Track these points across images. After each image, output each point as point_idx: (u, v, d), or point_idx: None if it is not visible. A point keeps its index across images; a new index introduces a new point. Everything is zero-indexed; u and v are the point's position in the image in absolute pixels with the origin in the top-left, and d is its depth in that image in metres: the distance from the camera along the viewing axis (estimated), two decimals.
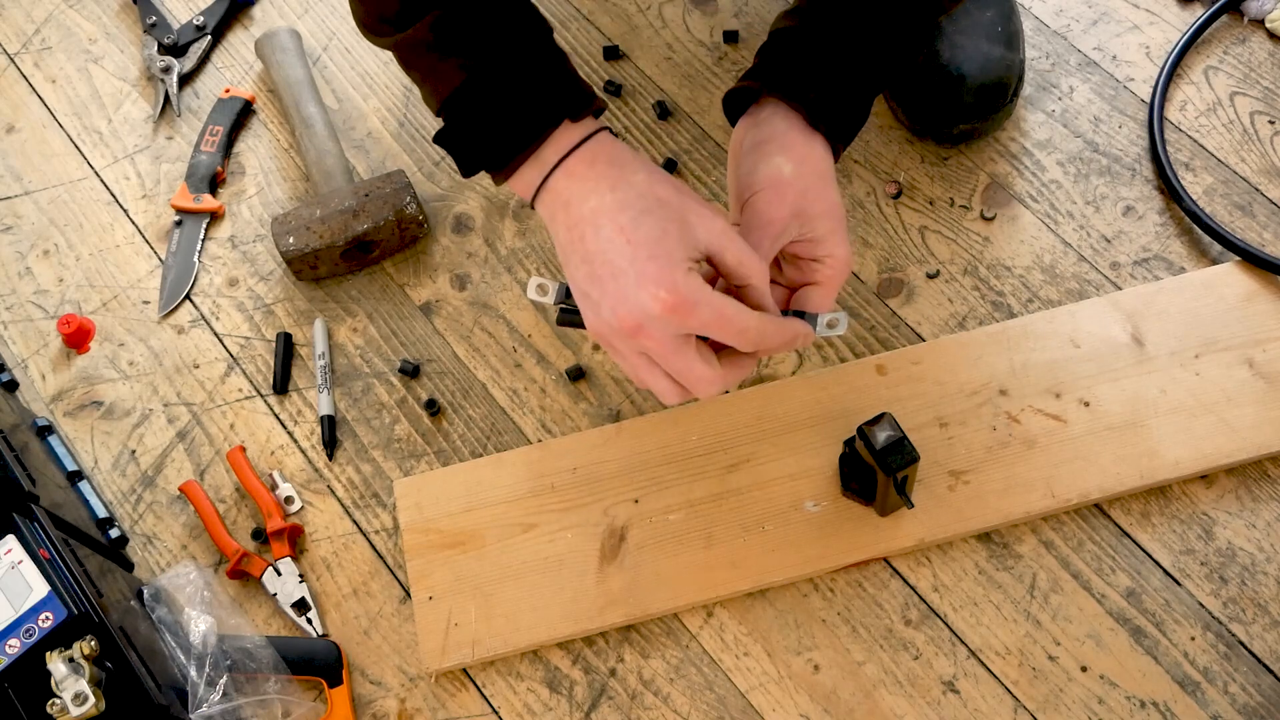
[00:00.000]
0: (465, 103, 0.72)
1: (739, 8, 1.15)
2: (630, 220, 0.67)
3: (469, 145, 0.73)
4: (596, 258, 0.68)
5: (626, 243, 0.67)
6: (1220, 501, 0.89)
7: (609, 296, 0.67)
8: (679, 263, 0.66)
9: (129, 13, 1.24)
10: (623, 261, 0.67)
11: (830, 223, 0.73)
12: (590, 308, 0.70)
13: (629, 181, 0.68)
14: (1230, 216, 0.99)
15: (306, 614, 0.93)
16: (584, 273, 0.69)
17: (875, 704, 0.86)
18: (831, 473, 0.91)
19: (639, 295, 0.66)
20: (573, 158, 0.70)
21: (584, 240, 0.69)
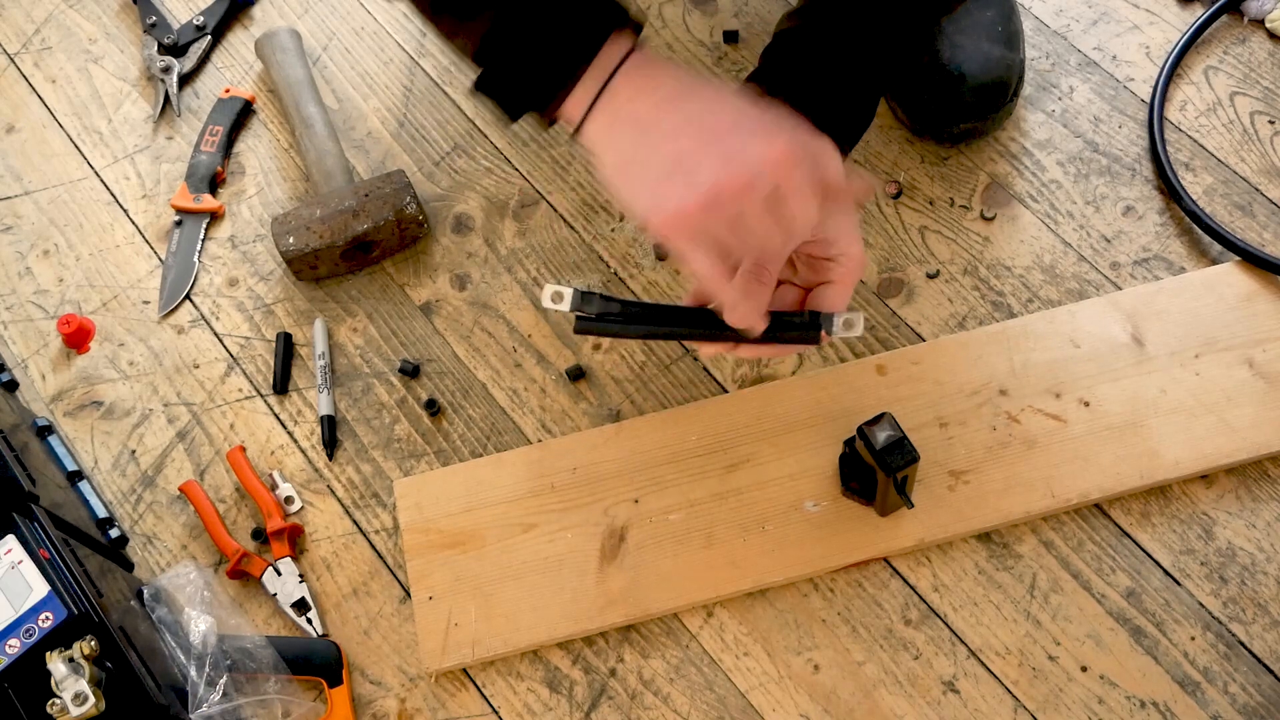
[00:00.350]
0: (507, 35, 0.70)
1: (739, 8, 1.15)
2: (717, 94, 0.67)
3: (515, 81, 0.70)
4: (691, 128, 0.66)
5: (722, 110, 0.66)
6: (1220, 501, 0.89)
7: (711, 159, 0.65)
8: (783, 119, 0.66)
9: (129, 13, 1.24)
10: (724, 126, 0.66)
11: (843, 221, 0.73)
12: (681, 181, 0.66)
13: (693, 74, 0.68)
14: (1230, 216, 0.99)
15: (306, 614, 0.93)
16: (670, 150, 0.67)
17: (875, 704, 0.86)
18: (831, 473, 0.91)
19: (751, 148, 0.65)
20: (630, 61, 0.68)
21: (669, 118, 0.67)
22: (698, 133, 0.66)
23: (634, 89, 0.68)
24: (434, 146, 1.12)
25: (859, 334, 0.73)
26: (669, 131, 0.67)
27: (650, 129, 0.67)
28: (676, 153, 0.66)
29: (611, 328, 0.76)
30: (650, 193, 0.67)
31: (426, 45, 1.17)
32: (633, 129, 0.68)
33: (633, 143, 0.68)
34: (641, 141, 0.68)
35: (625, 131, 0.69)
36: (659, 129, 0.67)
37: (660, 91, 0.68)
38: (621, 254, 1.04)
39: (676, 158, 0.66)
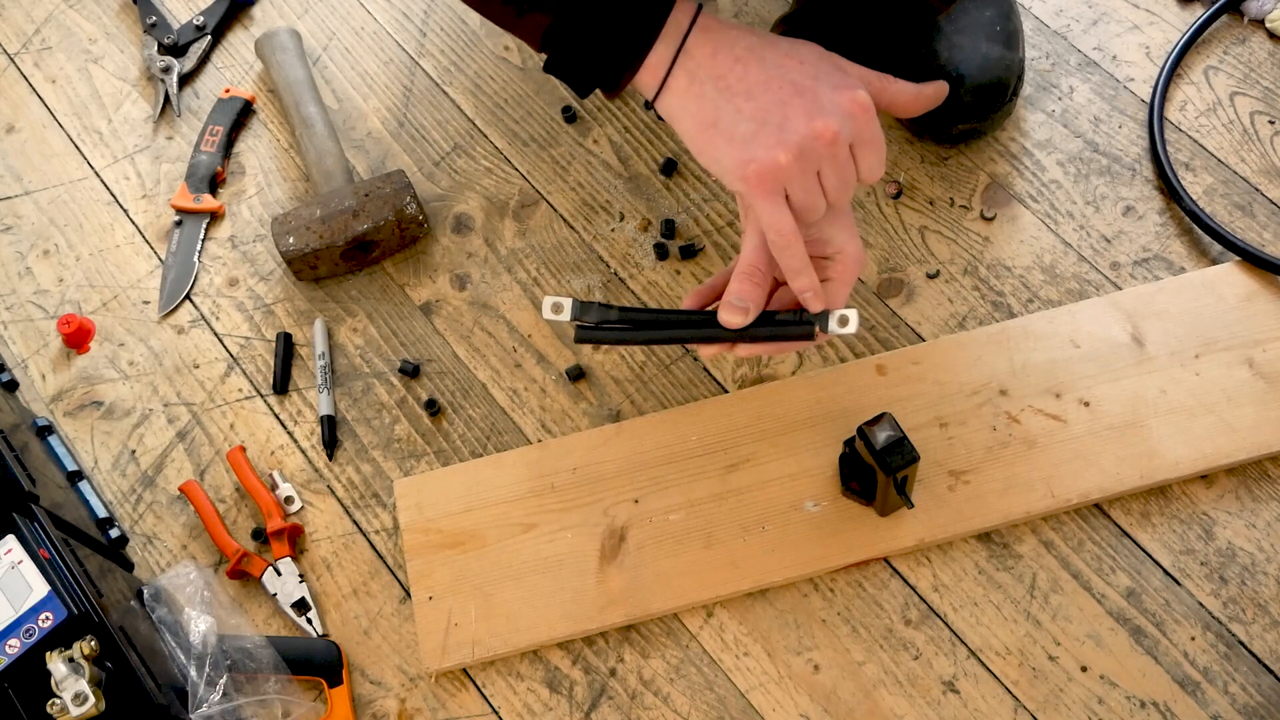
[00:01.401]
0: (572, 20, 0.71)
1: (739, 8, 1.15)
2: (791, 47, 0.69)
3: (585, 60, 0.72)
4: (773, 82, 0.68)
5: (800, 63, 0.69)
6: (1220, 501, 0.89)
7: (797, 111, 0.68)
8: (852, 73, 0.70)
9: (129, 13, 1.24)
10: (805, 79, 0.68)
11: (842, 221, 0.73)
12: (773, 133, 0.68)
13: (754, 29, 0.70)
14: (1230, 216, 0.99)
15: (306, 614, 0.93)
16: (755, 105, 0.69)
17: (875, 704, 0.86)
18: (831, 473, 0.91)
19: (835, 100, 0.68)
20: (701, 20, 0.70)
21: (750, 73, 0.69)
22: (780, 86, 0.68)
23: (711, 48, 0.70)
24: (434, 146, 1.12)
25: (854, 331, 0.74)
26: (753, 87, 0.69)
27: (732, 86, 0.69)
28: (763, 107, 0.68)
29: (611, 335, 0.77)
30: (740, 148, 0.69)
31: (426, 45, 1.17)
32: (714, 87, 0.69)
33: (714, 101, 0.70)
34: (724, 99, 0.69)
35: (707, 91, 0.70)
36: (742, 85, 0.69)
37: (736, 49, 0.69)
38: (621, 254, 1.04)
39: (763, 111, 0.68)
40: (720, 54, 0.70)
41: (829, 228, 0.73)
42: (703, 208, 1.05)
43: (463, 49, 1.17)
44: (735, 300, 0.72)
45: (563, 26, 0.71)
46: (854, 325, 0.74)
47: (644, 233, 1.05)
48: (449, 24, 1.18)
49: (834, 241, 0.74)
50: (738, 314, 0.72)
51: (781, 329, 0.75)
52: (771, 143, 0.68)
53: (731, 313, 0.72)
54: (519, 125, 1.12)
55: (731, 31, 0.70)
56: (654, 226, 1.05)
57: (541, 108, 1.12)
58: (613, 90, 0.73)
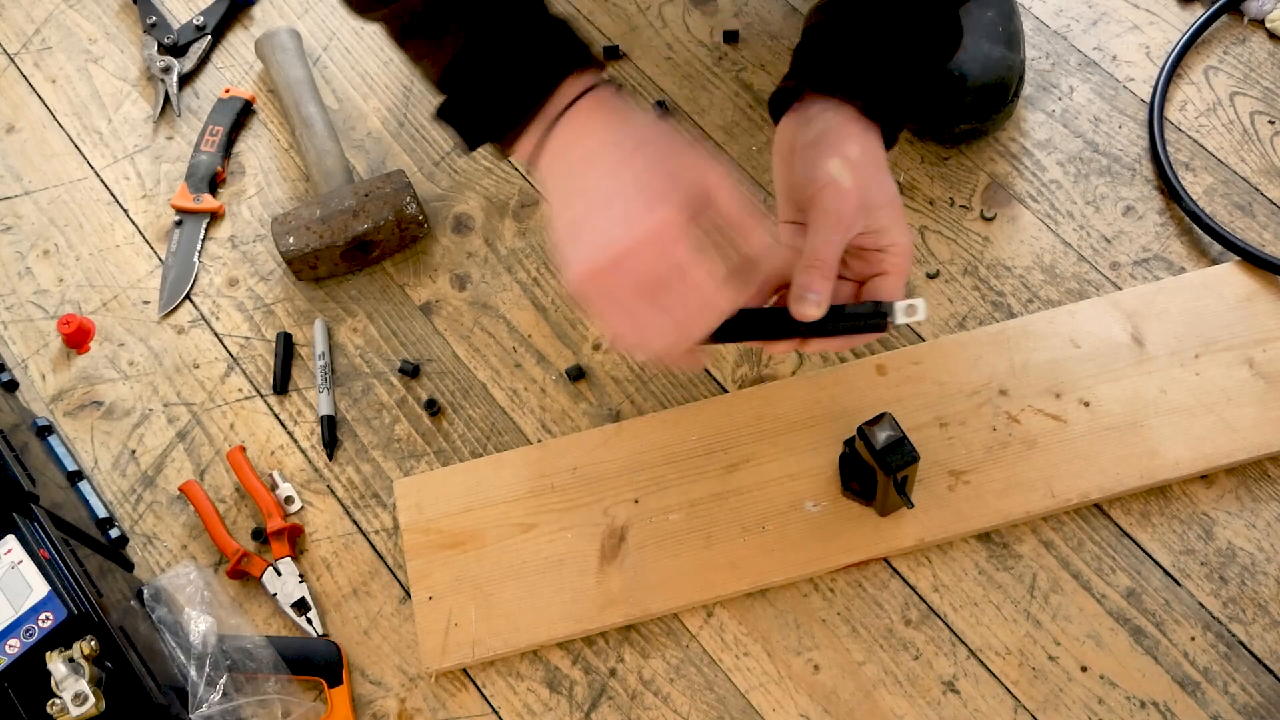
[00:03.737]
0: (466, 69, 0.70)
1: (739, 8, 1.15)
2: (626, 155, 0.65)
3: (473, 114, 0.71)
4: (591, 190, 0.66)
5: (616, 177, 0.65)
6: (1220, 501, 0.89)
7: (599, 226, 0.65)
8: (673, 191, 0.64)
9: (129, 13, 1.24)
10: (616, 188, 0.65)
11: (893, 211, 0.73)
12: (576, 246, 0.66)
13: (629, 124, 0.67)
14: (1230, 216, 0.99)
15: (306, 614, 0.93)
16: (573, 212, 0.67)
17: (875, 704, 0.86)
18: (831, 473, 0.91)
19: (630, 217, 0.64)
20: (575, 107, 0.68)
21: (581, 178, 0.67)
22: (594, 198, 0.65)
23: (570, 135, 0.68)
24: (434, 146, 1.12)
25: (923, 318, 0.72)
26: (578, 191, 0.67)
27: (570, 185, 0.67)
28: (575, 216, 0.66)
29: None
30: (556, 249, 0.67)
31: None
32: (562, 176, 0.68)
33: (559, 194, 0.68)
34: (562, 195, 0.68)
35: (558, 179, 0.69)
36: (575, 186, 0.67)
37: (587, 143, 0.67)
38: None
39: (574, 221, 0.66)
40: (568, 151, 0.68)
41: (884, 219, 0.72)
42: None
43: None
44: (808, 294, 0.70)
45: (464, 65, 0.70)
46: (922, 312, 0.71)
47: None
48: None
49: (888, 234, 0.73)
50: (811, 306, 0.70)
51: (855, 321, 0.73)
52: (572, 256, 0.66)
53: (805, 306, 0.70)
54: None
55: (597, 122, 0.67)
56: None
57: None
58: (500, 144, 0.71)
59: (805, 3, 1.14)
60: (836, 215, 0.71)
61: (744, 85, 1.10)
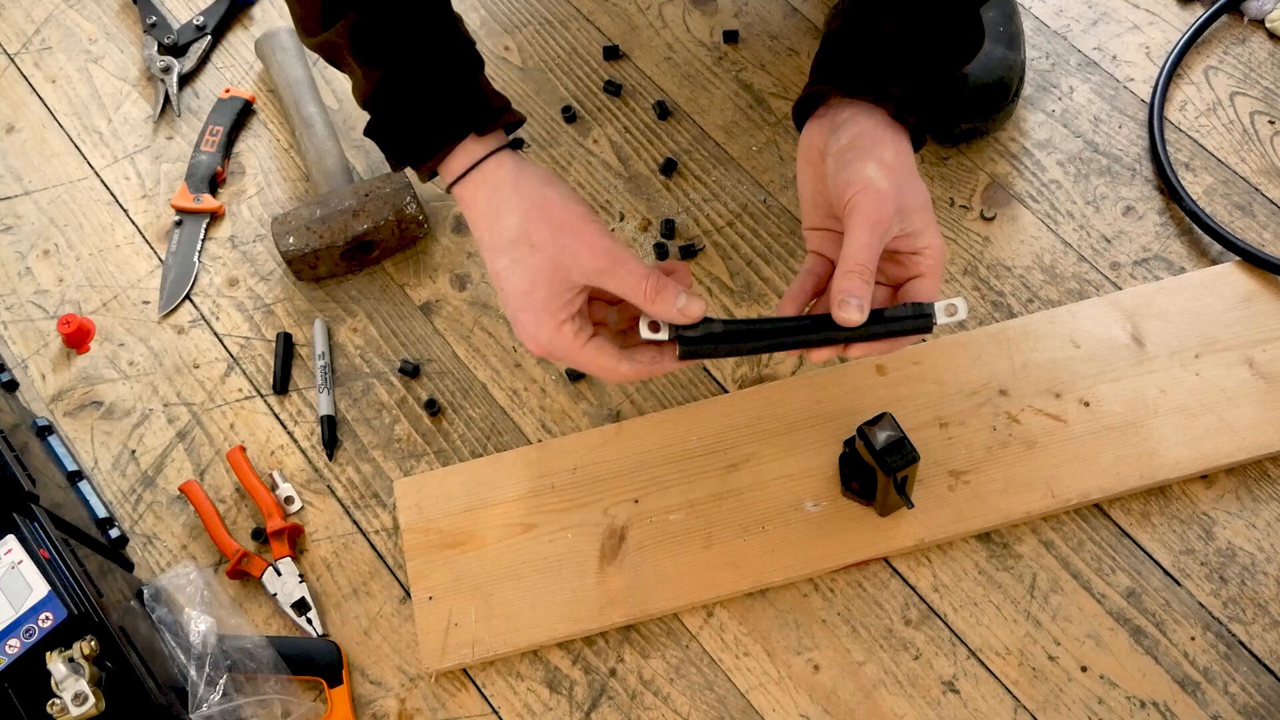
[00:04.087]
0: (380, 105, 0.75)
1: (739, 8, 1.15)
2: (504, 268, 0.72)
3: (389, 143, 0.76)
4: (494, 278, 0.74)
5: (501, 289, 0.73)
6: (1220, 501, 0.89)
7: (515, 322, 0.73)
8: (549, 315, 0.71)
9: (129, 13, 1.24)
10: (502, 302, 0.73)
11: (926, 214, 0.73)
12: (512, 324, 0.75)
13: (502, 225, 0.72)
14: (1230, 216, 0.99)
15: (306, 614, 0.93)
16: (497, 287, 0.74)
17: (875, 704, 0.86)
18: (831, 473, 0.91)
19: (518, 333, 0.73)
20: (461, 185, 0.74)
21: (483, 250, 0.74)
22: (500, 292, 0.73)
23: (465, 209, 0.75)
24: None
25: (964, 317, 0.72)
26: (488, 264, 0.74)
27: (481, 246, 0.75)
28: (500, 297, 0.74)
29: (719, 348, 0.74)
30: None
31: None
32: (475, 231, 0.75)
33: (478, 242, 0.75)
34: (480, 247, 0.75)
35: (472, 227, 0.75)
36: (484, 256, 0.74)
37: (475, 231, 0.74)
38: None
39: (501, 300, 0.75)
40: (470, 224, 0.75)
41: (918, 222, 0.72)
42: (703, 208, 1.05)
43: None
44: (849, 298, 0.70)
45: (384, 94, 0.75)
46: (963, 311, 0.72)
47: (644, 233, 1.05)
48: None
49: (923, 236, 0.73)
50: (854, 311, 0.70)
51: (899, 324, 0.72)
52: (518, 333, 0.74)
53: (848, 310, 0.70)
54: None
55: (475, 210, 0.74)
56: (654, 226, 1.05)
57: (541, 107, 1.12)
58: (417, 170, 0.76)
59: (805, 2, 1.14)
60: (874, 219, 0.70)
61: (744, 85, 1.10)
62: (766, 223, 1.04)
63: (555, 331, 0.71)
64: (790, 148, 1.07)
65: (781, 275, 1.01)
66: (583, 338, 0.72)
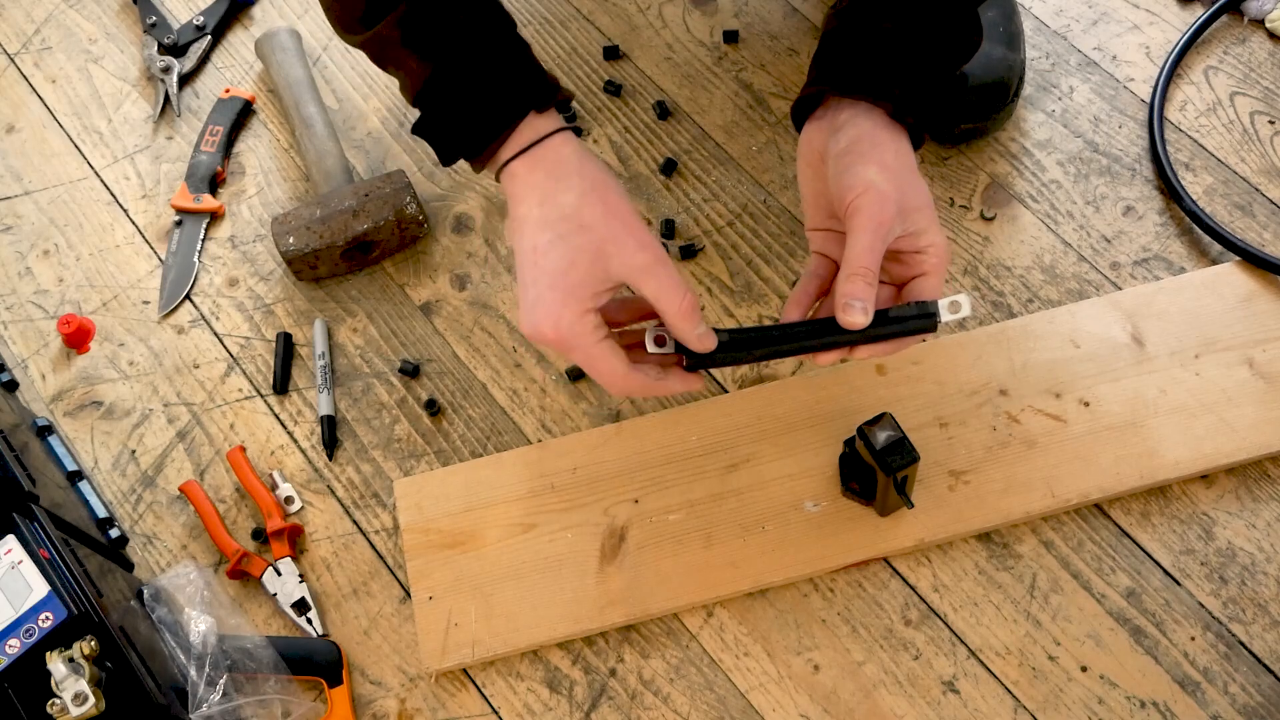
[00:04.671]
0: (435, 95, 0.74)
1: (739, 8, 1.15)
2: (545, 243, 0.70)
3: (443, 135, 0.75)
4: (518, 264, 0.72)
5: (534, 264, 0.71)
6: (1220, 501, 0.89)
7: (527, 306, 0.72)
8: (576, 300, 0.70)
9: (129, 13, 1.24)
10: (529, 280, 0.71)
11: (928, 213, 0.73)
12: (520, 308, 0.73)
13: (557, 201, 0.71)
14: (1230, 216, 0.99)
15: (306, 614, 0.93)
16: (517, 268, 0.73)
17: (875, 704, 0.86)
18: (831, 473, 0.91)
19: (534, 316, 0.71)
20: (519, 160, 0.73)
21: (515, 240, 0.72)
22: (519, 273, 0.72)
23: (513, 189, 0.74)
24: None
25: (968, 314, 0.72)
26: (515, 251, 0.73)
27: (512, 236, 0.74)
28: (518, 276, 0.73)
29: (726, 358, 0.74)
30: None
31: None
32: (513, 216, 0.74)
33: (512, 228, 0.74)
34: (511, 233, 0.74)
35: (512, 212, 0.74)
36: (514, 244, 0.73)
37: (519, 209, 0.73)
38: None
39: (518, 279, 0.73)
40: (511, 205, 0.73)
41: (921, 221, 0.72)
42: (703, 208, 1.05)
43: None
44: (853, 301, 0.70)
45: (438, 83, 0.74)
46: (967, 308, 0.72)
47: None
48: None
49: (926, 235, 0.73)
50: (858, 314, 0.71)
51: (903, 325, 0.72)
52: (521, 318, 0.73)
53: (852, 314, 0.70)
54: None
55: (526, 187, 0.72)
56: (654, 226, 1.05)
57: None
58: (473, 159, 0.75)
59: (805, 2, 1.14)
60: (876, 221, 0.70)
61: (744, 85, 1.10)
62: (766, 223, 1.04)
63: (578, 318, 0.70)
64: (790, 148, 1.07)
65: (782, 275, 1.01)
66: (600, 333, 0.71)
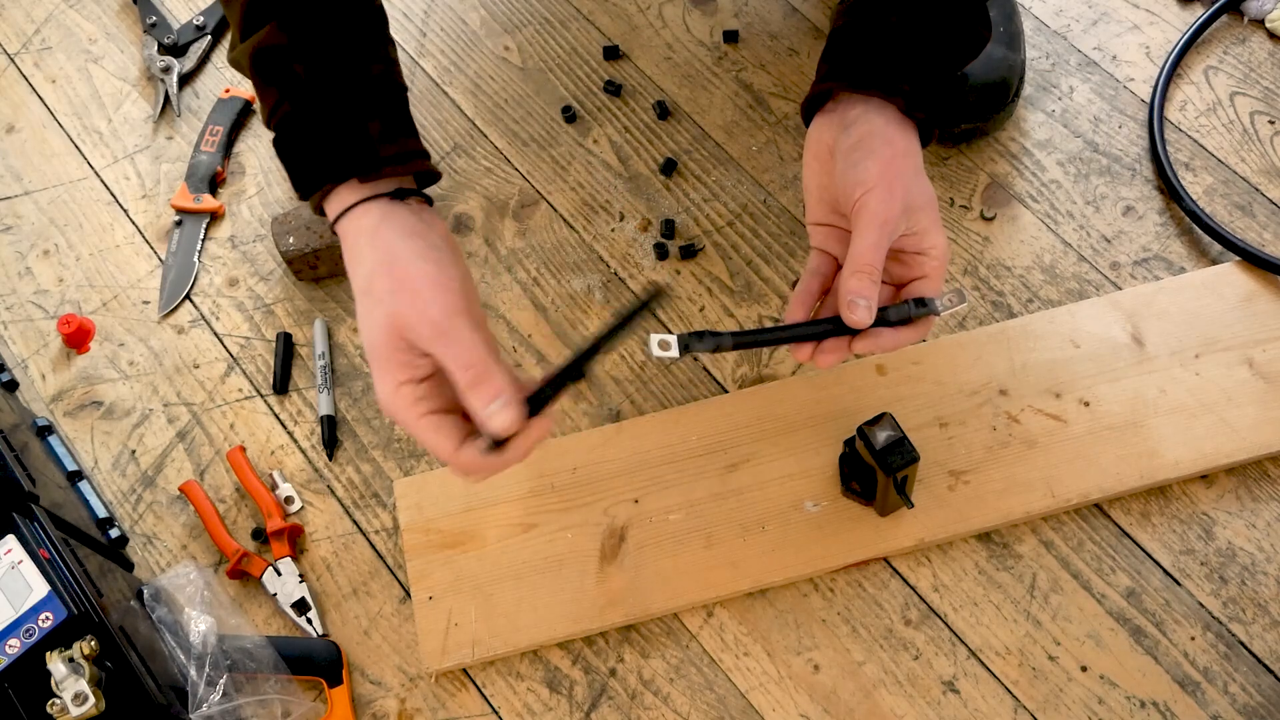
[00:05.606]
0: (278, 130, 0.75)
1: (739, 8, 1.15)
2: (361, 315, 0.70)
3: (286, 168, 0.76)
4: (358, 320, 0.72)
5: (363, 324, 0.70)
6: (1220, 501, 0.89)
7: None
8: (388, 373, 0.68)
9: (129, 13, 1.24)
10: (364, 338, 0.70)
11: (931, 213, 0.72)
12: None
13: (356, 273, 0.71)
14: (1230, 216, 0.99)
15: (306, 614, 0.93)
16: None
17: (875, 704, 0.86)
18: (831, 473, 0.91)
19: (375, 380, 0.70)
20: (337, 225, 0.73)
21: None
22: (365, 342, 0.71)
23: (343, 242, 0.73)
24: (434, 146, 1.12)
25: (967, 305, 0.72)
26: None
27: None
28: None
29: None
30: None
31: (426, 45, 1.17)
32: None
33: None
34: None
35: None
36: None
37: (349, 263, 0.72)
38: (621, 254, 1.04)
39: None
40: (346, 256, 0.72)
41: (924, 221, 0.72)
42: (703, 208, 1.05)
43: (463, 49, 1.17)
44: (858, 299, 0.70)
45: (283, 120, 0.74)
46: (966, 300, 0.72)
47: (644, 233, 1.05)
48: (449, 24, 1.18)
49: (928, 236, 0.72)
50: (863, 312, 0.70)
51: (900, 320, 0.73)
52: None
53: (857, 311, 0.70)
54: (519, 125, 1.12)
55: (346, 250, 0.72)
56: (654, 226, 1.05)
57: (541, 108, 1.12)
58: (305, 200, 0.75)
59: (805, 2, 1.14)
60: (883, 219, 0.70)
61: (744, 85, 1.10)
62: (766, 223, 1.04)
63: (394, 391, 0.69)
64: (790, 148, 1.07)
65: (781, 275, 1.01)
66: (421, 408, 0.68)
